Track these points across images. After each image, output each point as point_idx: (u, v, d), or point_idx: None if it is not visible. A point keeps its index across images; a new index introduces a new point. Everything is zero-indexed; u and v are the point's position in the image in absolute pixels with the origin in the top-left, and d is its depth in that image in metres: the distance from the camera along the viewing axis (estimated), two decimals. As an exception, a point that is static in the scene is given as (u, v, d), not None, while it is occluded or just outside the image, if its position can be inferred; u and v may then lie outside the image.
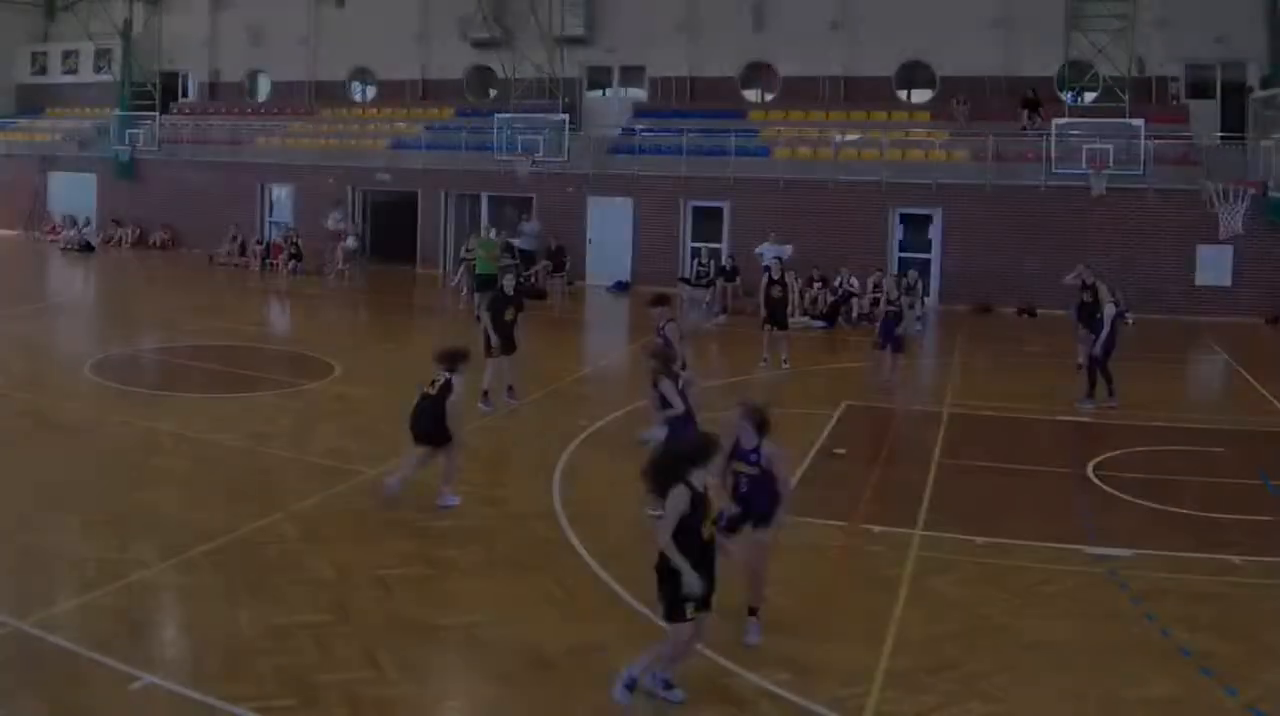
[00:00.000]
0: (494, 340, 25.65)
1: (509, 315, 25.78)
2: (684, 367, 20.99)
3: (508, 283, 26.75)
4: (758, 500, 13.97)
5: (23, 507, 17.72)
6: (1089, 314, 31.26)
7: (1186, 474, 20.36)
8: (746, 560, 13.89)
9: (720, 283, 44.60)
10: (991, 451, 23.48)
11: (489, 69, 60.31)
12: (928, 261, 47.31)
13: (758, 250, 44.04)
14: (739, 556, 13.45)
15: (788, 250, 43.48)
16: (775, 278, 32.30)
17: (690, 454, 12.04)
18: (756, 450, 13.92)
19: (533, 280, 47.15)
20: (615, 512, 18.54)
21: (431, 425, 18.26)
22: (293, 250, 52.58)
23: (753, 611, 13.96)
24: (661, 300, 23.90)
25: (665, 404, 18.52)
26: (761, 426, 13.97)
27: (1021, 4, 51.26)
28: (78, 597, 14.24)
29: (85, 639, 12.95)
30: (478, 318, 37.29)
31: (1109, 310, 26.86)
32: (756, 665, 12.99)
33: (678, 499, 11.69)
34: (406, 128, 58.58)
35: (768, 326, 32.07)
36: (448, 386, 18.26)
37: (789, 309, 33.21)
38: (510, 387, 25.55)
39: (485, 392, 25.27)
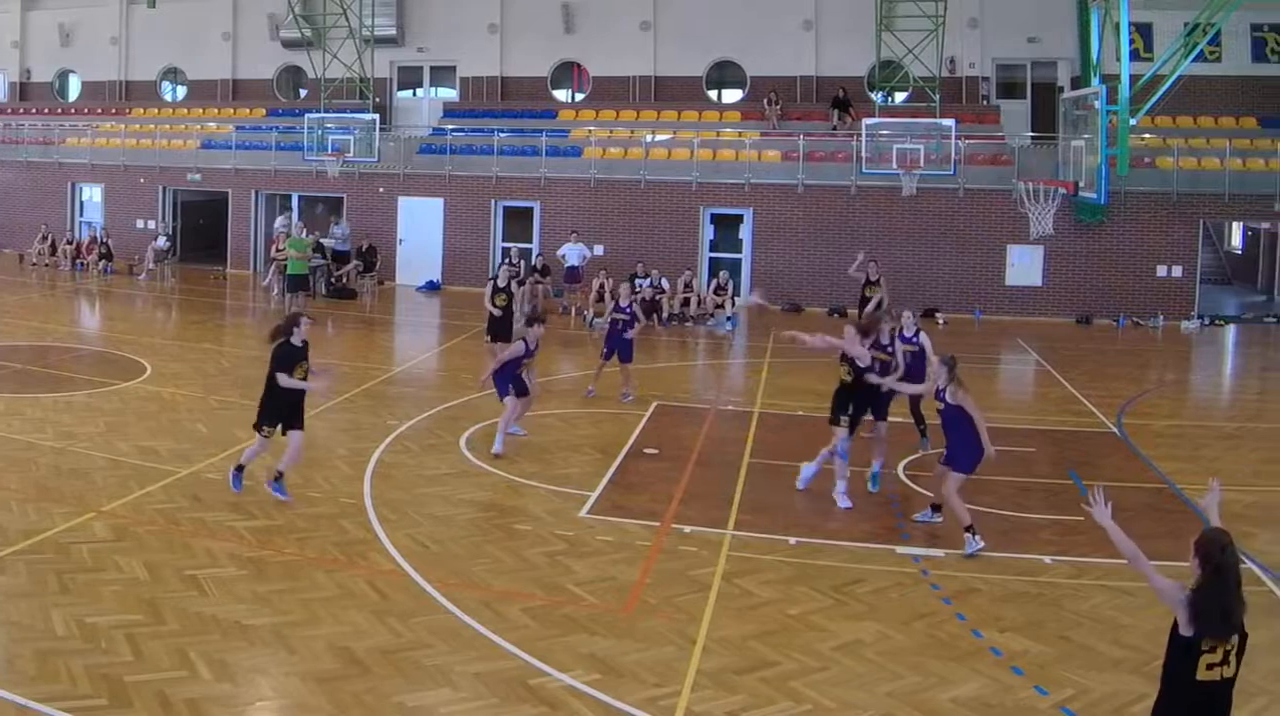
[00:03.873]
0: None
1: (299, 373, 19.06)
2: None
3: (297, 334, 19.22)
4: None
5: None
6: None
7: (997, 473, 20.48)
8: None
9: (531, 282, 44.41)
10: (803, 451, 23.37)
11: (299, 69, 59.79)
12: (739, 261, 47.61)
13: (560, 251, 44.17)
14: None
15: (586, 251, 43.73)
16: (501, 286, 29.65)
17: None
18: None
19: (343, 280, 46.91)
20: (427, 511, 18.51)
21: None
22: (103, 250, 52.25)
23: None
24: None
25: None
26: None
27: (831, 5, 52.06)
28: (-117, 599, 13.83)
29: (-108, 641, 12.58)
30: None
31: (927, 339, 25.44)
32: (567, 665, 12.94)
33: None
34: (217, 128, 57.72)
35: (488, 338, 29.53)
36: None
37: (513, 319, 29.91)
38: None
39: (280, 474, 19.13)
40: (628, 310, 28.26)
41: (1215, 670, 8.68)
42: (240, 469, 19.28)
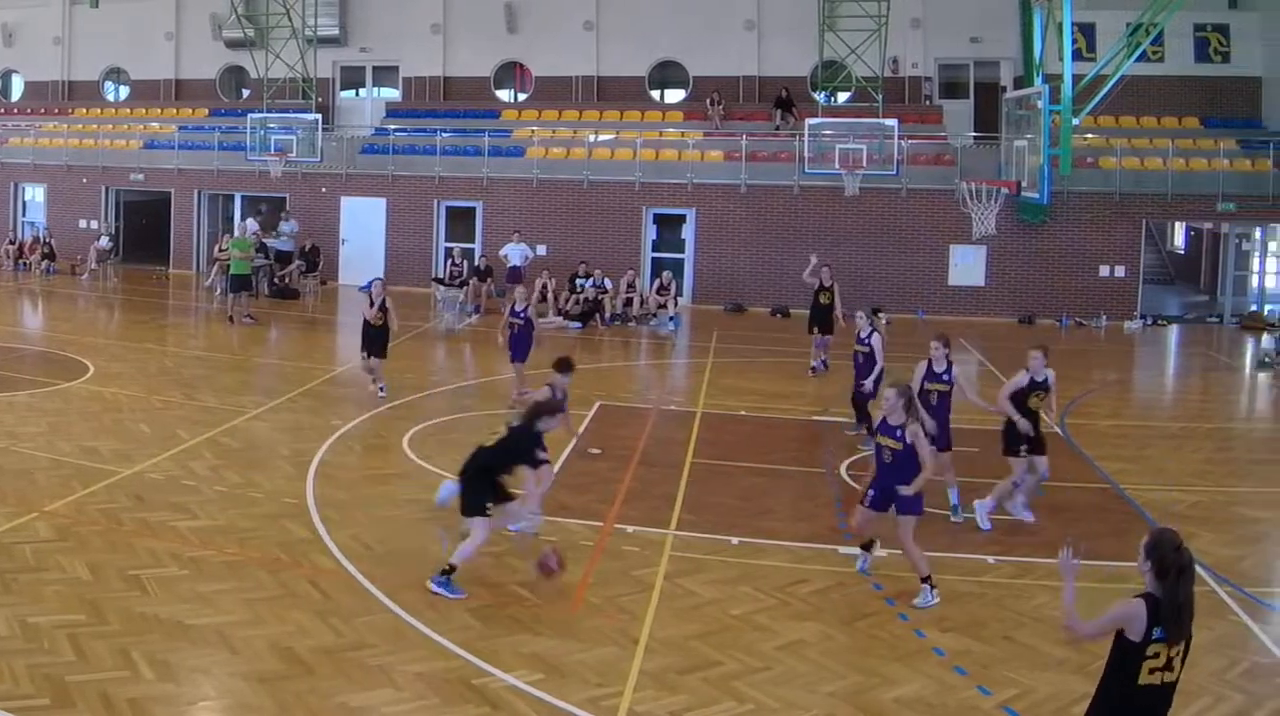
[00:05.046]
0: None
1: None
2: None
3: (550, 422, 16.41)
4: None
5: None
6: (824, 316, 31.53)
7: (941, 474, 20.47)
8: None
9: (474, 282, 44.28)
10: (746, 451, 23.52)
11: (242, 69, 59.26)
12: (682, 261, 47.57)
13: (503, 252, 44.07)
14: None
15: (528, 252, 43.67)
16: (375, 300, 28.32)
17: None
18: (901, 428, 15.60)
19: (286, 280, 46.72)
20: (369, 511, 18.46)
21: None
22: (45, 250, 52.04)
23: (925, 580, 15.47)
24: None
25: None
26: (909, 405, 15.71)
27: (774, 5, 52.01)
28: None
29: None
30: (230, 319, 36.77)
31: (878, 341, 25.61)
32: (510, 665, 12.90)
33: None
34: (160, 128, 57.31)
35: (365, 355, 28.31)
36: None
37: (388, 337, 28.56)
38: None
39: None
40: (522, 314, 27.78)
41: (1157, 674, 8.67)
42: (449, 573, 15.09)
